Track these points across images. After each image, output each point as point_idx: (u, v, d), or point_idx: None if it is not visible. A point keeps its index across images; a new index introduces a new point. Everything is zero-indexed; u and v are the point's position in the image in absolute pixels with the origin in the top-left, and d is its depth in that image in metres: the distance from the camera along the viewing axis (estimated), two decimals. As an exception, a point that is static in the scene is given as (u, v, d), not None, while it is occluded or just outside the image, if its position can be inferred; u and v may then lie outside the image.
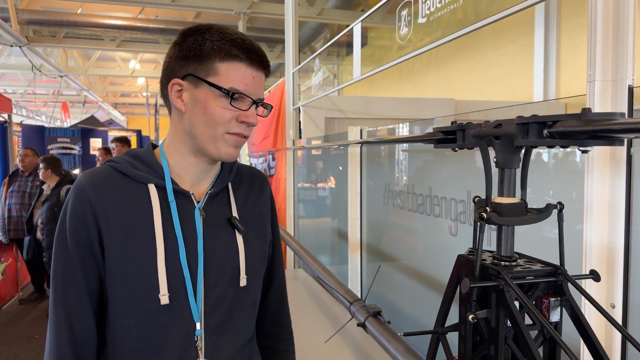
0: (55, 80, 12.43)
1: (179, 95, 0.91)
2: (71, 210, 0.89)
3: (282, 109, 4.41)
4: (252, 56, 0.89)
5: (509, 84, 5.54)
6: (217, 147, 0.90)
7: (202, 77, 0.87)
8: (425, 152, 2.10)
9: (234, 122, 0.89)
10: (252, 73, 0.89)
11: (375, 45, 7.63)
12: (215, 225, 0.95)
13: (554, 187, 1.46)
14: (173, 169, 0.94)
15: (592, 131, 0.60)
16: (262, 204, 1.06)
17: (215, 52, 0.87)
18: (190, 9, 7.65)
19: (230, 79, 0.87)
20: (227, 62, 0.87)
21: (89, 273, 0.89)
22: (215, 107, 0.88)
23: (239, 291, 0.96)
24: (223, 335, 0.94)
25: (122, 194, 0.90)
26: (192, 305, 0.90)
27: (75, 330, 0.89)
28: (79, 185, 0.90)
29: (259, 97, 0.91)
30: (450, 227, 1.86)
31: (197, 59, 0.88)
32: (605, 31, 1.10)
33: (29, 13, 8.23)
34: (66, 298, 0.89)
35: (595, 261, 1.13)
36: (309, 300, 2.76)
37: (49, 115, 16.67)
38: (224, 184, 0.99)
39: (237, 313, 0.96)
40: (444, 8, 1.81)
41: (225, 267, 0.94)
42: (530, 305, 0.70)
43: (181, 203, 0.93)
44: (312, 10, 7.54)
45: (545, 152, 1.46)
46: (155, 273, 0.87)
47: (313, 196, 3.89)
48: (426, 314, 2.08)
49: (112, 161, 0.94)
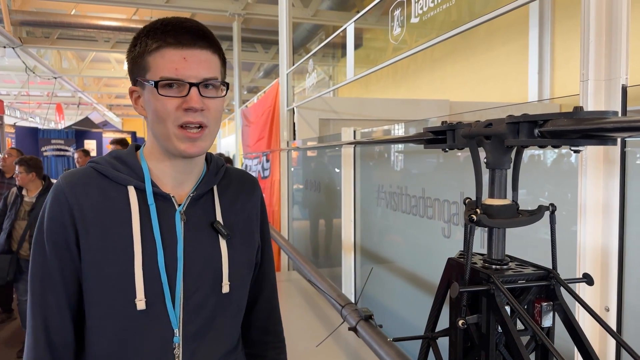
0: (49, 82, 12.37)
1: (138, 102, 0.90)
2: (49, 211, 0.87)
3: (276, 110, 4.39)
4: (180, 36, 0.83)
5: (503, 85, 5.54)
6: (174, 144, 0.85)
7: (141, 77, 0.85)
8: (418, 153, 2.08)
9: (180, 112, 0.83)
10: (181, 54, 0.82)
11: (371, 47, 7.62)
12: (197, 229, 0.92)
13: (549, 188, 1.45)
14: (153, 171, 0.92)
15: (584, 130, 0.58)
16: (251, 208, 1.02)
17: (143, 48, 0.84)
18: (184, 10, 7.63)
19: (160, 69, 0.83)
20: (154, 52, 0.83)
21: (67, 275, 0.87)
22: (156, 103, 0.83)
23: (221, 298, 0.92)
24: (203, 343, 0.91)
25: (101, 195, 0.87)
26: (170, 311, 0.87)
27: (53, 333, 0.86)
28: (57, 185, 0.88)
29: (202, 77, 0.84)
30: (443, 229, 1.84)
31: (135, 62, 0.86)
32: (598, 30, 1.09)
33: (22, 14, 8.18)
34: (44, 300, 0.86)
35: (589, 263, 1.11)
36: (303, 303, 2.74)
37: (43, 117, 16.59)
38: (208, 187, 0.96)
39: (219, 320, 0.93)
40: (436, 8, 1.80)
41: (207, 272, 0.91)
42: (521, 310, 0.67)
43: (161, 206, 0.90)
44: (307, 12, 7.53)
45: (541, 153, 1.44)
46: (131, 277, 0.84)
47: (308, 197, 3.87)
48: (420, 317, 2.06)
49: (93, 162, 0.92)
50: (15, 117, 16.66)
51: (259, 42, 9.85)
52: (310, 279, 2.21)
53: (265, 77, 12.90)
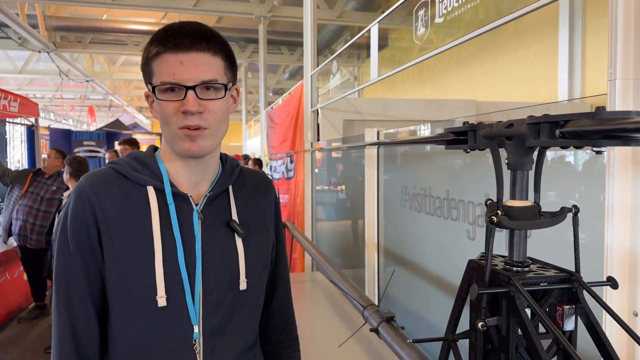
0: (82, 85, 12.74)
1: (152, 106, 0.93)
2: (72, 211, 0.89)
3: (301, 111, 4.41)
4: (177, 41, 0.85)
5: (532, 85, 5.43)
6: (177, 144, 0.89)
7: (147, 82, 0.90)
8: (442, 154, 2.06)
9: (180, 115, 0.86)
10: (178, 58, 0.85)
11: (396, 47, 7.58)
12: (214, 228, 0.94)
13: (581, 190, 1.42)
14: (169, 172, 0.94)
15: (606, 130, 0.57)
16: (265, 207, 1.05)
17: (148, 55, 0.88)
18: (211, 13, 7.75)
19: (160, 74, 0.86)
20: (156, 58, 0.87)
21: (90, 273, 0.89)
22: (160, 106, 0.87)
23: (238, 295, 0.94)
24: (222, 339, 0.93)
25: (122, 196, 0.90)
26: (190, 307, 0.89)
27: (78, 329, 0.89)
28: (79, 186, 0.91)
29: (199, 80, 0.85)
30: (467, 230, 1.82)
31: (144, 68, 0.91)
32: (626, 27, 1.06)
33: (56, 19, 8.46)
34: (69, 297, 0.89)
35: (616, 266, 1.08)
36: (326, 303, 2.74)
37: (76, 119, 17.07)
38: (223, 187, 0.98)
39: (237, 317, 0.95)
40: (460, 7, 1.78)
41: (224, 270, 0.93)
42: (540, 312, 0.66)
43: (179, 206, 0.92)
44: (332, 13, 7.54)
45: (572, 154, 1.41)
46: (152, 275, 0.86)
47: (332, 199, 3.87)
48: (443, 320, 2.04)
49: (113, 163, 0.95)
50: (49, 120, 17.20)
51: (285, 44, 9.92)
52: (333, 279, 2.21)
53: (290, 79, 12.98)
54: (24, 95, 6.48)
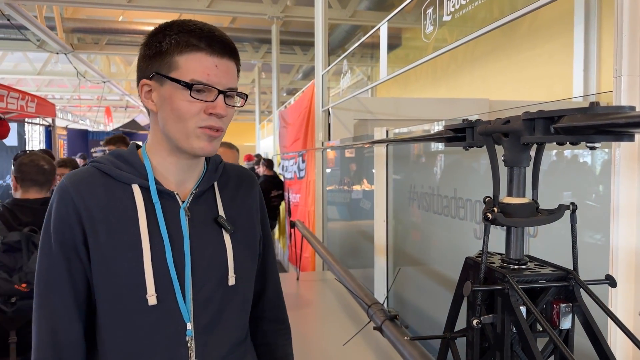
0: (99, 86, 12.93)
1: (148, 96, 0.91)
2: (55, 211, 0.88)
3: (312, 111, 4.42)
4: (213, 44, 0.86)
5: (547, 83, 5.36)
6: (190, 142, 0.88)
7: (165, 73, 0.86)
8: (450, 153, 2.05)
9: (203, 115, 0.86)
10: (214, 62, 0.86)
11: (410, 47, 7.54)
12: (202, 225, 0.94)
13: (597, 190, 1.40)
14: (156, 169, 0.94)
15: (598, 126, 0.57)
16: (251, 202, 1.05)
17: (174, 46, 0.86)
18: (225, 14, 7.79)
19: (191, 71, 0.85)
20: (187, 53, 0.85)
21: (75, 274, 0.88)
22: (181, 102, 0.85)
23: (228, 290, 0.95)
24: (214, 335, 0.93)
25: (106, 194, 0.89)
26: (182, 305, 0.89)
27: (59, 333, 0.87)
28: (61, 185, 0.88)
29: (228, 86, 0.88)
30: (475, 230, 1.80)
31: (158, 57, 0.87)
32: (632, 23, 1.05)
33: (74, 22, 8.59)
34: (49, 301, 0.88)
35: (622, 265, 1.06)
36: (335, 302, 2.74)
37: (93, 119, 17.32)
38: (209, 184, 0.98)
39: (227, 312, 0.95)
40: (467, 5, 1.77)
41: (213, 266, 0.93)
42: (534, 309, 0.66)
43: (166, 203, 0.92)
44: (345, 13, 7.53)
45: (589, 154, 1.39)
46: (141, 274, 0.85)
47: (344, 198, 3.87)
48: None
49: (95, 161, 0.93)
50: (67, 120, 17.48)
51: (298, 44, 9.93)
52: (340, 278, 2.21)
53: (304, 79, 12.99)
54: (43, 96, 6.61)
